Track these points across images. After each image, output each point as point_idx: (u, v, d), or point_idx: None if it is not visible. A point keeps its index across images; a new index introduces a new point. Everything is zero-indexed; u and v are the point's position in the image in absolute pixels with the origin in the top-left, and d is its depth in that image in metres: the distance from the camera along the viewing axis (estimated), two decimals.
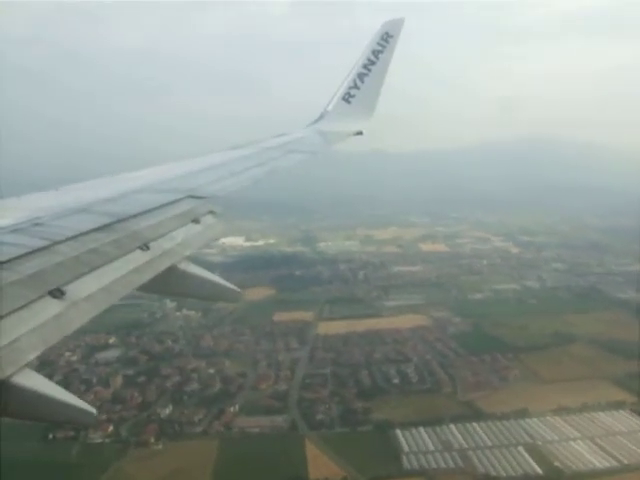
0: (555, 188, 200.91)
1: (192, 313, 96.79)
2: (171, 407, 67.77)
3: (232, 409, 66.81)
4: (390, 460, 56.95)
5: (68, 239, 4.99)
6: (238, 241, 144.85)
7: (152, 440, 62.03)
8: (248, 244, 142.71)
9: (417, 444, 59.28)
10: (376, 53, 14.69)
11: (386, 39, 14.76)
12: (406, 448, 58.54)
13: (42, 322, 3.78)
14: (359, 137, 14.18)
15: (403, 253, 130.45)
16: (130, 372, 76.98)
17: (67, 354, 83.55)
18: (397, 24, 15.05)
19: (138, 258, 5.18)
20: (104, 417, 65.86)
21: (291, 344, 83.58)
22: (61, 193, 7.13)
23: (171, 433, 63.12)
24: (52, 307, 3.97)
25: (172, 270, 5.46)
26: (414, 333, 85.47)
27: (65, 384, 73.69)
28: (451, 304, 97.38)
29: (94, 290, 4.39)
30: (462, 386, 70.19)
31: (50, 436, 63.30)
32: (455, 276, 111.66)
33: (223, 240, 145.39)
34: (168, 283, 5.49)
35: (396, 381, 71.71)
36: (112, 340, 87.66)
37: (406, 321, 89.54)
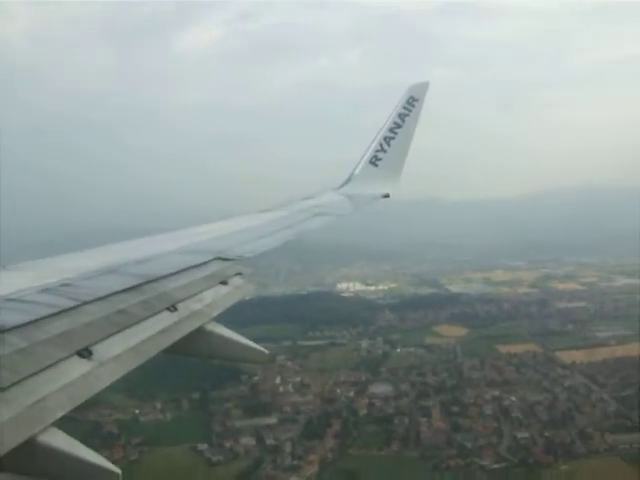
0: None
1: (412, 349, 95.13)
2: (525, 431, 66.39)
3: (589, 429, 66.34)
4: None
5: (97, 299, 5.02)
6: (357, 286, 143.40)
7: (548, 461, 60.70)
8: (372, 288, 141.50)
9: None
10: (402, 116, 14.86)
11: (412, 102, 14.94)
12: None
13: (69, 381, 3.76)
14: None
15: (544, 292, 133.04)
16: (428, 403, 74.66)
17: (338, 390, 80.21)
18: (422, 88, 15.31)
19: (166, 319, 5.24)
20: (477, 444, 63.99)
21: (557, 371, 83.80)
22: (91, 255, 7.15)
23: (555, 454, 61.98)
24: (80, 366, 3.96)
25: (199, 331, 5.49)
26: None
27: (378, 418, 71.10)
28: None
29: (122, 350, 4.41)
30: None
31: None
32: (627, 308, 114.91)
33: (346, 285, 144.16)
34: (196, 344, 5.51)
35: None
36: (364, 377, 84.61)
37: None
